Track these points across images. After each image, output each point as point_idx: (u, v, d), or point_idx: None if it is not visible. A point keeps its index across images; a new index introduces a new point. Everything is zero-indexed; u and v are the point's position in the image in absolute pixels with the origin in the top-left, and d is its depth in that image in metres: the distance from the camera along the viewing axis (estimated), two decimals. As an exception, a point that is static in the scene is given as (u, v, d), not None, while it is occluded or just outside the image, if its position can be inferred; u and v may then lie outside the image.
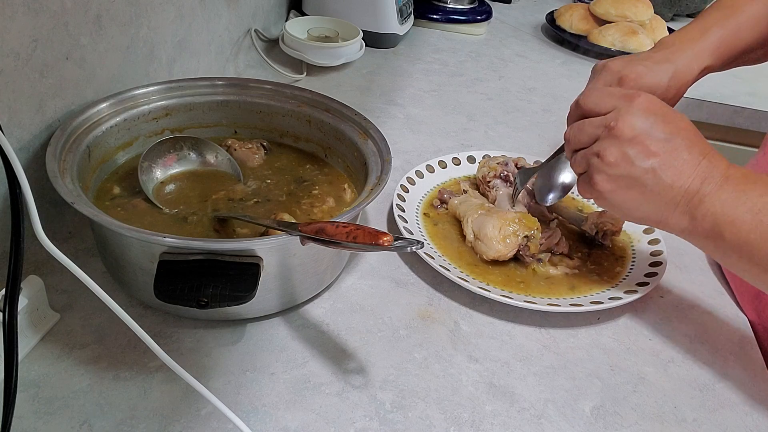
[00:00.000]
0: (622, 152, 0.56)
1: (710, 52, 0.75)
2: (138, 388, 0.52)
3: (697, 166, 0.55)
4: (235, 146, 0.74)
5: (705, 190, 0.54)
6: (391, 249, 0.46)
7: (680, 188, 0.55)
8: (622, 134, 0.56)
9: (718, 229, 0.54)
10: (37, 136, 0.62)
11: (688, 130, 0.56)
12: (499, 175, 0.78)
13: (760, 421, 0.57)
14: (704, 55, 0.75)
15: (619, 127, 0.56)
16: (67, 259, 0.41)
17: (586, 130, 0.59)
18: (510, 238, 0.68)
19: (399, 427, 0.52)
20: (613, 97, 0.58)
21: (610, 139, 0.57)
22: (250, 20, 1.07)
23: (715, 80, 1.29)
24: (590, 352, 0.62)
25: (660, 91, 0.73)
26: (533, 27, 1.49)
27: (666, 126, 0.55)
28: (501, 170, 0.78)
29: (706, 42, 0.75)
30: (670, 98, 0.74)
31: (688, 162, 0.55)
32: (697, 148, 0.55)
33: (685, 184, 0.55)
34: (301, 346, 0.58)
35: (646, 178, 0.55)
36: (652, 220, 0.58)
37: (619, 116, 0.56)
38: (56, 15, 0.60)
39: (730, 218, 0.53)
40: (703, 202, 0.54)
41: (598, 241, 0.73)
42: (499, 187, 0.77)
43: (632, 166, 0.56)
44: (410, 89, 1.10)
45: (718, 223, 0.53)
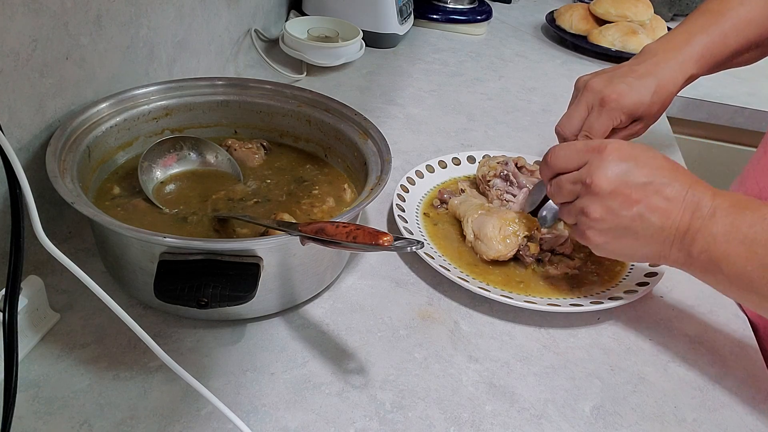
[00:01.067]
0: (605, 206, 0.56)
1: (695, 61, 0.75)
2: (138, 388, 0.52)
3: (682, 202, 0.54)
4: (235, 146, 0.74)
5: (695, 226, 0.54)
6: (391, 249, 0.46)
7: (671, 227, 0.55)
8: (600, 190, 0.56)
9: (714, 264, 0.54)
10: (37, 136, 0.62)
11: (663, 167, 0.56)
12: (498, 174, 0.78)
13: (760, 421, 0.57)
14: (689, 64, 0.75)
15: (596, 183, 0.56)
16: (67, 259, 0.41)
17: (565, 188, 0.60)
18: (510, 238, 0.68)
19: (399, 427, 0.52)
20: (581, 153, 0.58)
21: (590, 197, 0.57)
22: (250, 20, 1.07)
23: (715, 80, 1.29)
24: (590, 352, 0.62)
25: (643, 107, 0.73)
26: (533, 27, 1.49)
27: (641, 170, 0.55)
28: (501, 170, 0.78)
29: (691, 50, 0.75)
30: (655, 113, 0.75)
31: (672, 200, 0.54)
32: (677, 182, 0.55)
33: (675, 223, 0.54)
34: (301, 346, 0.58)
35: (635, 226, 0.56)
36: (654, 259, 0.58)
37: (592, 172, 0.56)
38: (56, 15, 0.60)
39: (725, 253, 0.53)
40: (695, 240, 0.54)
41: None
42: (498, 186, 0.77)
43: (618, 217, 0.56)
44: (410, 89, 1.10)
45: (713, 258, 0.53)
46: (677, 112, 1.26)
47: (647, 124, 0.76)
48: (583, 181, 0.57)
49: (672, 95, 0.75)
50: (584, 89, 0.74)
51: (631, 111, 0.73)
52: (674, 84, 0.74)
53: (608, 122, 0.73)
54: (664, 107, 0.75)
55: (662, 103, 0.74)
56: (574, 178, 0.59)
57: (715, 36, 0.76)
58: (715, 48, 0.76)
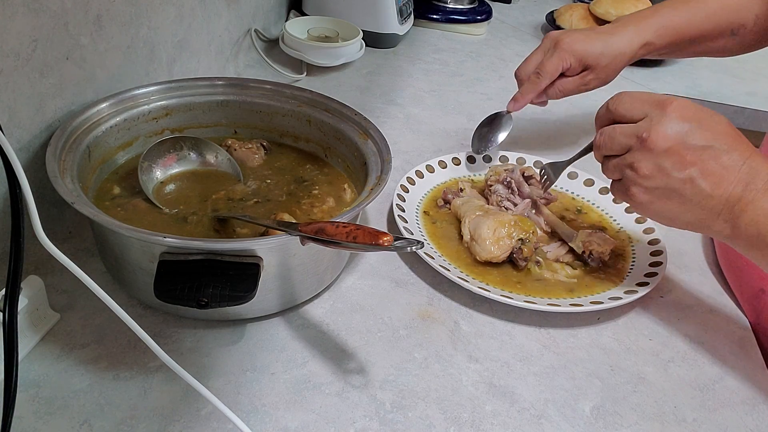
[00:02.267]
0: (656, 164, 0.54)
1: (653, 30, 0.79)
2: (138, 388, 0.52)
3: (737, 172, 0.53)
4: (235, 146, 0.74)
5: (747, 197, 0.52)
6: (391, 249, 0.46)
7: (721, 196, 0.53)
8: (655, 146, 0.54)
9: (762, 238, 0.52)
10: (37, 136, 0.62)
11: (727, 134, 0.54)
12: (502, 180, 0.78)
13: (760, 421, 0.57)
14: (646, 31, 0.79)
15: (652, 139, 0.54)
16: (67, 259, 0.41)
17: (618, 139, 0.57)
18: (503, 240, 0.68)
19: (399, 427, 0.52)
20: (645, 104, 0.56)
21: (643, 152, 0.55)
22: (250, 20, 1.07)
23: (715, 80, 1.29)
24: (590, 352, 0.62)
25: (592, 57, 0.78)
26: (533, 27, 1.49)
27: (702, 133, 0.53)
28: (505, 176, 0.78)
29: (652, 20, 0.79)
30: (605, 65, 0.79)
31: (728, 168, 0.53)
32: (737, 152, 0.53)
33: (726, 192, 0.53)
34: (301, 346, 0.58)
35: (684, 189, 0.54)
36: (695, 227, 0.57)
37: (651, 126, 0.54)
38: (56, 15, 0.60)
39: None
40: (745, 211, 0.52)
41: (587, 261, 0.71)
42: (500, 192, 0.77)
43: (668, 177, 0.54)
44: (410, 89, 1.10)
45: (761, 233, 0.52)
46: (677, 112, 1.25)
47: (599, 76, 0.80)
48: (640, 135, 0.55)
49: (624, 56, 0.79)
50: (545, 38, 0.81)
51: (581, 56, 0.78)
52: (629, 45, 0.79)
53: (558, 62, 0.78)
54: (615, 65, 0.79)
55: (613, 59, 0.79)
56: (630, 131, 0.56)
57: (681, 12, 0.80)
58: (679, 24, 0.79)
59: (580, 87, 0.81)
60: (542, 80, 0.79)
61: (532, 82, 0.80)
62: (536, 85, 0.80)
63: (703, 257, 0.77)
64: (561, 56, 0.77)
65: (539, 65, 0.79)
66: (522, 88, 0.81)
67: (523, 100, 0.81)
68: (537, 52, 0.81)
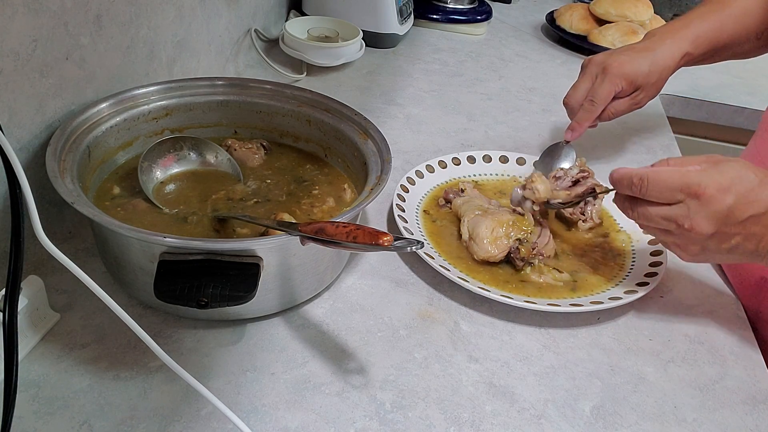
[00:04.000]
0: (702, 246, 0.57)
1: (690, 41, 0.81)
2: (138, 388, 0.52)
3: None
4: (235, 146, 0.74)
5: None
6: (391, 249, 0.46)
7: (763, 250, 0.56)
8: (699, 234, 0.56)
9: None
10: (37, 136, 0.62)
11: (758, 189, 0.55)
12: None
13: (760, 421, 0.57)
14: (684, 43, 0.81)
15: (696, 230, 0.56)
16: (67, 259, 0.41)
17: (655, 221, 0.58)
18: (501, 239, 0.68)
19: (399, 427, 0.52)
20: (676, 192, 0.56)
21: (686, 237, 0.57)
22: (250, 20, 1.07)
23: (715, 80, 1.29)
24: (590, 352, 0.62)
25: (642, 76, 0.79)
26: (533, 27, 1.49)
27: (741, 207, 0.55)
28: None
29: (687, 32, 0.81)
30: (653, 82, 0.81)
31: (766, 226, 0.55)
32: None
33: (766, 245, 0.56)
34: (301, 346, 0.58)
35: (731, 255, 0.58)
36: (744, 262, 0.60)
37: (691, 217, 0.56)
38: (56, 15, 0.60)
39: None
40: None
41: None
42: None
43: (715, 252, 0.57)
44: (410, 89, 1.10)
45: None
46: (677, 112, 1.26)
47: (648, 94, 0.82)
48: (681, 224, 0.56)
49: (669, 69, 0.81)
50: (589, 63, 0.82)
51: (631, 78, 0.79)
52: (671, 58, 0.80)
53: (610, 87, 0.78)
54: (662, 80, 0.81)
55: (660, 74, 0.80)
56: (667, 215, 0.57)
57: (712, 22, 0.81)
58: (712, 32, 0.81)
59: (632, 107, 0.83)
60: (597, 107, 0.80)
61: (587, 110, 0.81)
62: (592, 112, 0.80)
63: (703, 257, 0.77)
64: (612, 81, 0.78)
65: (591, 92, 0.80)
66: (578, 116, 0.82)
67: (581, 129, 0.82)
68: (584, 79, 0.81)
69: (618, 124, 1.06)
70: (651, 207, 0.58)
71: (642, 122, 1.07)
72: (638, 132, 1.05)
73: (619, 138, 1.03)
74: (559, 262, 0.71)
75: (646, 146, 1.02)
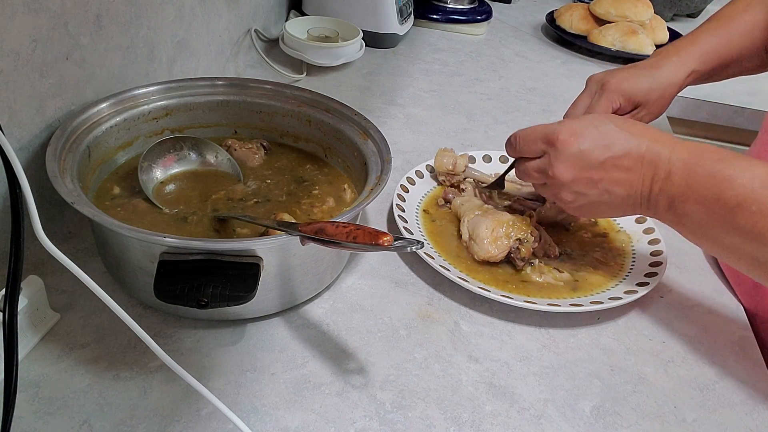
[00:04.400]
0: (571, 191, 0.61)
1: (697, 57, 0.80)
2: (138, 388, 0.52)
3: (640, 169, 0.58)
4: (235, 146, 0.74)
5: (655, 189, 0.58)
6: (391, 249, 0.46)
7: (636, 195, 0.59)
8: (562, 179, 0.60)
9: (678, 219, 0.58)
10: (37, 136, 0.62)
11: (617, 140, 0.59)
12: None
13: (760, 421, 0.57)
14: (690, 59, 0.80)
15: (557, 176, 0.61)
16: (67, 259, 0.41)
17: (532, 174, 0.64)
18: (501, 240, 0.68)
19: (399, 427, 0.52)
20: (537, 142, 0.62)
21: (555, 187, 0.62)
22: (250, 20, 1.07)
23: (715, 80, 1.29)
24: (590, 352, 0.62)
25: (641, 94, 0.79)
26: (533, 27, 1.49)
27: (595, 151, 0.59)
28: None
29: (694, 48, 0.81)
30: (655, 100, 0.79)
31: (630, 169, 0.58)
32: (633, 150, 0.58)
33: (638, 190, 0.59)
34: (301, 346, 0.58)
35: (604, 199, 0.60)
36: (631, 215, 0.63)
37: (551, 164, 0.61)
38: (56, 15, 0.60)
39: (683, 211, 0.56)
40: (659, 202, 0.58)
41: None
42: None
43: (587, 196, 0.61)
44: (410, 89, 1.10)
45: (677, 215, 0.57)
46: (677, 112, 1.26)
47: (650, 112, 0.81)
48: (546, 173, 0.62)
49: (674, 86, 0.80)
50: (589, 81, 0.81)
51: (629, 95, 0.78)
52: (676, 76, 0.79)
53: (607, 104, 0.78)
54: (665, 98, 0.80)
55: (662, 92, 0.79)
56: (537, 167, 0.63)
57: (719, 38, 0.81)
58: (719, 48, 0.80)
59: None
60: None
61: None
62: None
63: (703, 257, 0.77)
64: (609, 98, 0.78)
65: (589, 108, 0.80)
66: None
67: None
68: (584, 96, 0.81)
69: (618, 124, 1.06)
70: (526, 162, 0.64)
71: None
72: (638, 132, 1.05)
73: (619, 138, 1.03)
74: (559, 262, 0.71)
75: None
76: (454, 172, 0.80)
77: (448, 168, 0.80)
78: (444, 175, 0.81)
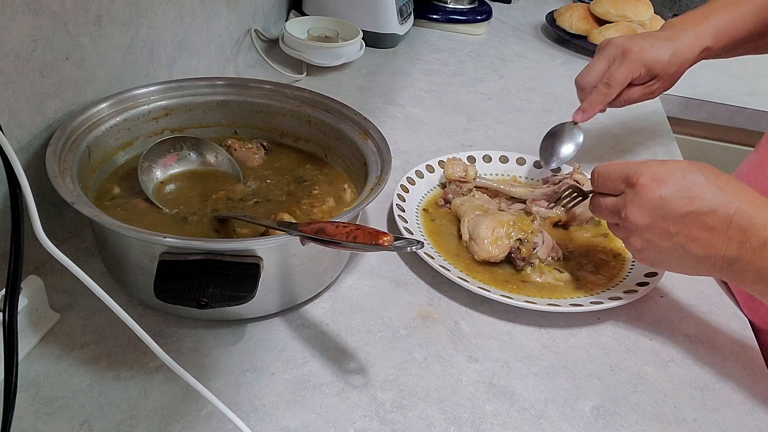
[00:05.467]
0: (643, 239, 0.57)
1: (711, 35, 0.78)
2: (138, 388, 0.52)
3: (726, 231, 0.52)
4: (235, 146, 0.74)
5: (745, 256, 0.52)
6: (391, 249, 0.46)
7: (715, 257, 0.54)
8: (636, 225, 0.56)
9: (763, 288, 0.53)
10: (37, 136, 0.62)
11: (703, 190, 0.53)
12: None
13: (760, 421, 0.57)
14: (705, 36, 0.78)
15: (631, 219, 0.56)
16: (67, 259, 0.41)
17: (605, 212, 0.60)
18: (502, 240, 0.68)
19: (399, 427, 0.52)
20: (617, 182, 0.58)
21: (627, 230, 0.58)
22: (250, 20, 1.07)
23: (715, 80, 1.29)
24: (590, 352, 0.62)
25: (661, 65, 0.77)
26: (533, 27, 1.49)
27: (678, 199, 0.54)
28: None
29: (708, 24, 0.78)
30: (671, 73, 0.78)
31: (714, 229, 0.53)
32: (720, 212, 0.52)
33: (719, 252, 0.53)
34: (301, 346, 0.58)
35: (677, 253, 0.56)
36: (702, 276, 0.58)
37: (626, 206, 0.56)
38: (56, 15, 0.60)
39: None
40: (746, 270, 0.52)
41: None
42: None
43: (658, 247, 0.56)
44: (410, 89, 1.10)
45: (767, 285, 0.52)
46: (677, 112, 1.26)
47: (663, 85, 0.79)
48: (620, 213, 0.57)
49: (688, 62, 0.78)
50: (607, 45, 0.78)
51: (651, 65, 0.76)
52: (691, 51, 0.78)
53: (628, 72, 0.76)
54: (680, 72, 0.79)
55: (678, 66, 0.78)
56: (611, 206, 0.59)
57: (733, 15, 0.79)
58: (732, 26, 0.79)
59: (645, 96, 0.80)
60: (612, 90, 0.77)
61: (601, 93, 0.78)
62: (606, 95, 0.78)
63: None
64: (631, 66, 0.76)
65: (607, 75, 0.77)
66: (590, 98, 0.79)
67: (592, 111, 0.79)
68: (600, 60, 0.78)
69: (617, 124, 1.06)
70: (601, 198, 0.60)
71: (642, 122, 1.08)
72: (638, 132, 1.05)
73: (618, 138, 1.03)
74: (560, 262, 0.71)
75: (646, 146, 1.02)
76: (465, 180, 0.79)
77: (459, 175, 0.79)
78: (455, 184, 0.79)
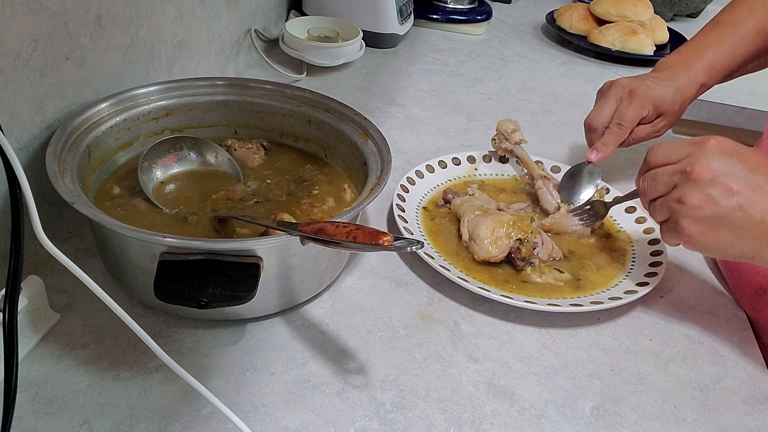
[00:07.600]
0: (704, 194, 0.55)
1: (705, 71, 0.81)
2: (138, 388, 0.52)
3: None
4: (235, 146, 0.74)
5: None
6: (391, 249, 0.46)
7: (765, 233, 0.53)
8: (701, 177, 0.55)
9: None
10: (37, 136, 0.62)
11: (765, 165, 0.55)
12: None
13: (760, 421, 0.57)
14: (699, 74, 0.81)
15: (697, 171, 0.55)
16: (67, 259, 0.41)
17: (661, 179, 0.59)
18: (502, 240, 0.68)
19: (399, 427, 0.52)
20: (684, 146, 0.58)
21: (689, 184, 0.56)
22: (250, 20, 1.07)
23: (715, 80, 1.29)
24: (590, 352, 0.62)
25: (667, 103, 0.79)
26: (533, 27, 1.49)
27: (743, 164, 0.55)
28: None
29: (701, 62, 0.81)
30: (676, 111, 0.80)
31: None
32: None
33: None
34: (301, 346, 0.58)
35: (734, 216, 0.54)
36: (747, 257, 0.56)
37: (694, 161, 0.56)
38: (56, 15, 0.60)
39: None
40: None
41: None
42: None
43: (717, 206, 0.54)
44: (410, 89, 1.10)
45: None
46: (677, 112, 1.25)
47: (669, 123, 0.81)
48: (683, 170, 0.56)
49: (689, 99, 0.81)
50: (612, 86, 0.80)
51: (658, 103, 0.78)
52: (690, 90, 0.80)
53: (638, 111, 0.78)
54: (683, 109, 0.81)
55: (682, 103, 0.80)
56: (672, 170, 0.58)
57: (724, 48, 0.81)
58: (725, 59, 0.81)
59: (652, 134, 0.82)
60: (625, 130, 0.79)
61: (615, 133, 0.79)
62: (619, 135, 0.79)
63: (703, 257, 0.77)
64: (640, 104, 0.77)
65: (617, 114, 0.79)
66: (604, 138, 0.79)
67: (607, 150, 0.79)
68: (608, 100, 0.79)
69: (618, 124, 1.06)
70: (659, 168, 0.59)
71: (642, 122, 1.07)
72: (638, 132, 1.05)
73: (619, 138, 1.03)
74: (560, 262, 0.71)
75: (646, 146, 1.01)
76: (507, 139, 0.84)
77: (507, 129, 0.84)
78: (499, 137, 0.85)
